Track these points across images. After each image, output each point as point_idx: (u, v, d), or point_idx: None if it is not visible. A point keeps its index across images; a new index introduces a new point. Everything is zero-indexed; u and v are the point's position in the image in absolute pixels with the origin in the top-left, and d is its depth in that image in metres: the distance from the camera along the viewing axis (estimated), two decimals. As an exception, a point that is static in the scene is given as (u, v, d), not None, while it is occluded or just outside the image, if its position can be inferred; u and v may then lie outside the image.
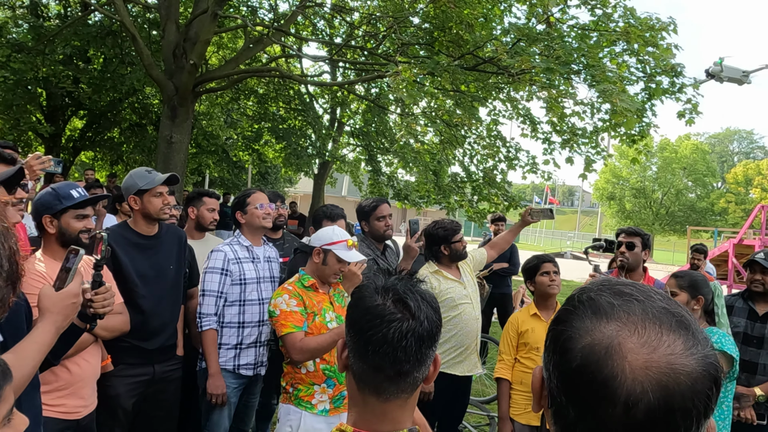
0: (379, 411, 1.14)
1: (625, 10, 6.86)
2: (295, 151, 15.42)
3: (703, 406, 0.65)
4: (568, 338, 0.71)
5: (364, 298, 1.17)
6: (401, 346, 1.11)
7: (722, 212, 40.23)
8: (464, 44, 8.53)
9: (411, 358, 1.12)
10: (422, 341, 1.13)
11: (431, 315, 1.16)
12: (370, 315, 1.14)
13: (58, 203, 2.36)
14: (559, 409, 0.72)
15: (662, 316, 0.69)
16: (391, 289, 1.17)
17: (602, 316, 0.70)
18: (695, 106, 6.90)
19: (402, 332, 1.11)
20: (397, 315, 1.13)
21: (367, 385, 1.14)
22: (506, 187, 10.03)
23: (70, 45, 13.02)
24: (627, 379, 0.65)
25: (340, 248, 2.64)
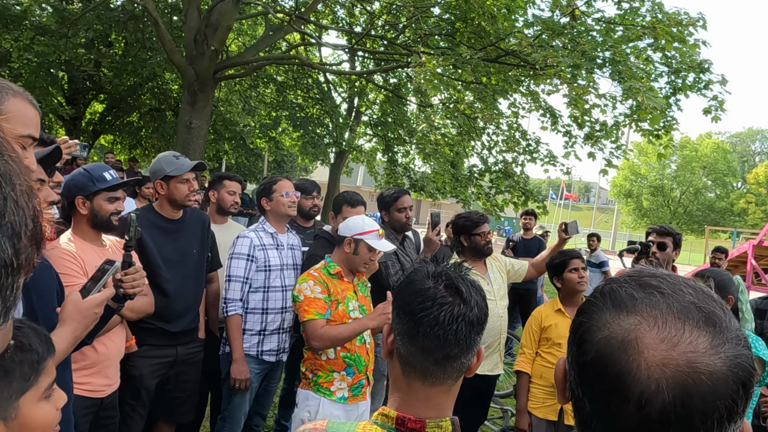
0: (423, 396, 1.15)
1: (653, 5, 6.74)
2: (312, 140, 15.43)
3: (726, 409, 0.61)
4: (586, 330, 0.69)
5: (416, 282, 1.19)
6: (452, 329, 1.13)
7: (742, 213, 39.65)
8: (486, 36, 8.46)
9: (460, 341, 1.13)
10: (472, 326, 1.15)
11: (480, 302, 1.18)
12: (422, 297, 1.15)
13: (92, 185, 2.38)
14: (576, 401, 0.71)
15: (688, 311, 0.65)
16: (442, 274, 1.19)
17: (622, 308, 0.68)
18: (721, 103, 6.78)
19: (453, 315, 1.13)
20: (449, 299, 1.15)
21: (414, 368, 1.15)
22: (525, 180, 9.97)
23: (93, 29, 13.11)
24: (642, 376, 0.62)
25: (372, 238, 2.66)
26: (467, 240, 3.51)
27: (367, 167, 16.75)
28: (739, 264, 14.62)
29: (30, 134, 1.26)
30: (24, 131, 1.24)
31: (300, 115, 15.55)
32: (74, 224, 2.44)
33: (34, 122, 1.27)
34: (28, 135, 1.26)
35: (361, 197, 3.63)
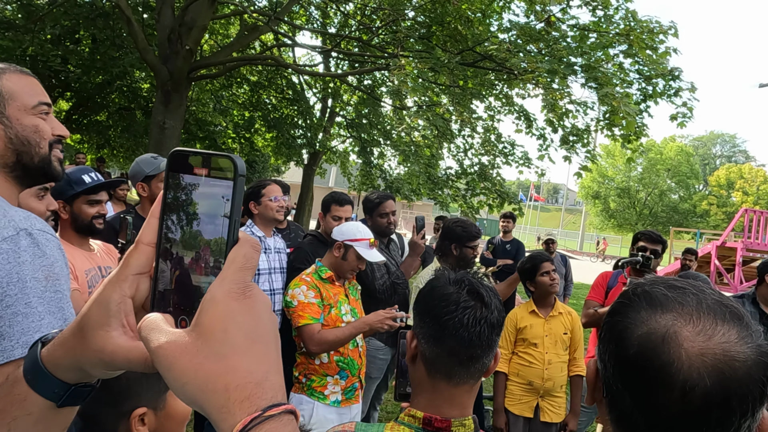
0: (448, 395, 1.21)
1: (627, 12, 6.91)
2: (286, 141, 15.33)
3: (758, 392, 0.68)
4: (624, 328, 0.74)
5: (438, 287, 1.27)
6: (476, 331, 1.21)
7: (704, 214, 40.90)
8: (462, 40, 8.54)
9: (483, 342, 1.21)
10: (493, 327, 1.23)
11: (498, 305, 1.26)
12: (446, 302, 1.23)
13: (70, 188, 2.34)
14: (614, 397, 0.75)
15: (716, 307, 0.71)
16: (464, 280, 1.27)
17: (657, 307, 0.73)
18: (690, 109, 6.99)
19: (476, 318, 1.21)
20: (471, 302, 1.23)
21: (439, 370, 1.22)
22: (500, 183, 10.10)
23: (60, 25, 12.78)
24: (684, 365, 0.67)
25: (362, 246, 2.66)
26: (458, 249, 3.52)
27: (340, 168, 16.73)
28: (702, 264, 15.10)
29: (41, 101, 1.24)
30: (34, 100, 1.23)
31: (274, 115, 15.43)
32: (60, 229, 2.39)
33: (39, 88, 1.26)
34: (43, 102, 1.25)
35: (348, 197, 3.65)
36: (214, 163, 0.47)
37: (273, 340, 0.46)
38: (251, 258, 0.46)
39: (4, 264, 1.03)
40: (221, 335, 0.43)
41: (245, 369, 0.43)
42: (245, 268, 0.46)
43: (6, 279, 1.03)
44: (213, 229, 0.47)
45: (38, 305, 1.06)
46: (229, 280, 0.45)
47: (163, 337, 0.45)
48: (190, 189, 0.48)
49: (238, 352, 0.43)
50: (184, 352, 0.44)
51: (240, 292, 0.45)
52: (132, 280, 0.51)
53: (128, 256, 0.52)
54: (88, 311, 0.51)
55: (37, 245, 1.09)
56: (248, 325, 0.44)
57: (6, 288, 1.03)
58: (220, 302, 0.44)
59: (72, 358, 0.53)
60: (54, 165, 1.26)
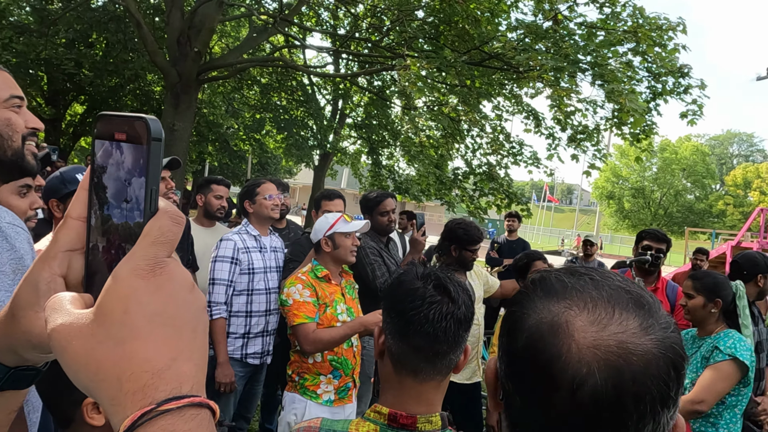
0: (414, 392, 1.19)
1: (634, 9, 6.84)
2: (296, 142, 15.40)
3: (657, 391, 0.59)
4: (517, 319, 0.66)
5: (405, 282, 1.25)
6: (441, 327, 1.18)
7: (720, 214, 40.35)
8: (470, 39, 8.51)
9: (449, 338, 1.19)
10: (460, 324, 1.20)
11: (467, 301, 1.23)
12: (412, 297, 1.21)
13: (63, 187, 2.35)
14: (507, 400, 0.67)
15: (617, 294, 0.63)
16: (431, 275, 1.24)
17: (553, 294, 0.65)
18: (700, 107, 6.90)
19: (442, 313, 1.19)
20: (437, 297, 1.20)
21: (405, 366, 1.20)
22: (508, 183, 10.04)
23: (73, 29, 12.95)
24: (572, 359, 0.59)
25: (341, 226, 2.68)
26: (457, 251, 3.49)
27: (351, 169, 16.75)
28: (717, 265, 14.88)
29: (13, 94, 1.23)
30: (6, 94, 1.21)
31: (284, 117, 15.50)
32: (54, 227, 2.41)
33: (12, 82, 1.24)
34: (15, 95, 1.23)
35: (338, 191, 3.68)
36: (130, 127, 0.43)
37: (188, 324, 0.41)
38: (168, 231, 0.42)
39: None
40: (120, 317, 0.39)
41: (143, 356, 0.38)
42: (159, 243, 0.41)
43: None
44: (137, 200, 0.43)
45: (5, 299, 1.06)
46: (138, 255, 0.40)
47: (60, 318, 0.41)
48: (114, 157, 0.44)
49: (138, 337, 0.38)
50: (78, 335, 0.39)
51: (148, 269, 0.40)
52: (62, 257, 0.47)
53: (57, 231, 0.48)
54: (18, 291, 0.49)
55: (5, 238, 1.09)
56: (154, 306, 0.39)
57: None
58: (123, 280, 0.40)
59: (6, 341, 0.50)
60: (27, 159, 1.25)
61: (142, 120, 0.42)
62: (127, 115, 0.44)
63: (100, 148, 0.45)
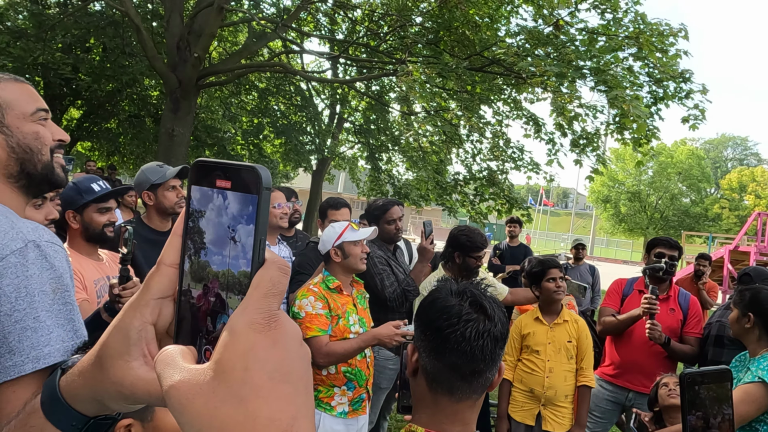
0: (450, 411, 1.17)
1: (636, 15, 6.86)
2: (294, 147, 15.37)
3: None
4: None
5: (440, 299, 1.22)
6: (478, 345, 1.16)
7: (716, 218, 40.50)
8: (470, 45, 8.52)
9: (486, 357, 1.17)
10: (497, 341, 1.18)
11: (502, 317, 1.21)
12: (448, 314, 1.18)
13: (80, 198, 2.32)
14: None
15: None
16: (466, 291, 1.22)
17: None
18: (702, 111, 6.92)
19: (479, 331, 1.16)
20: (474, 315, 1.18)
21: (441, 384, 1.17)
22: (509, 188, 10.05)
23: (71, 34, 12.90)
24: None
25: (349, 235, 2.65)
26: (461, 258, 3.48)
27: (349, 174, 16.74)
28: (715, 269, 14.93)
29: (39, 107, 1.23)
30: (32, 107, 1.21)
31: (282, 122, 15.48)
32: (69, 239, 2.37)
33: (36, 95, 1.25)
34: (41, 108, 1.23)
35: (344, 200, 3.62)
36: (237, 175, 0.42)
37: (303, 378, 0.40)
38: (278, 282, 0.41)
39: (13, 278, 1.03)
40: (241, 374, 0.38)
41: (267, 415, 0.37)
42: (271, 294, 0.40)
43: (15, 294, 1.02)
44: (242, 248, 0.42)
45: (47, 319, 1.05)
46: (252, 308, 0.39)
47: (177, 374, 0.39)
48: (215, 203, 0.43)
49: (261, 395, 0.37)
50: (198, 393, 0.38)
51: (264, 322, 0.39)
52: (154, 304, 0.46)
53: (149, 278, 0.47)
54: (107, 339, 0.47)
55: (45, 257, 1.08)
56: (273, 362, 0.38)
57: (15, 303, 1.02)
58: (241, 335, 0.38)
59: (90, 390, 0.49)
60: (57, 171, 1.24)
61: (253, 169, 0.41)
62: (232, 164, 0.43)
63: (197, 194, 0.43)
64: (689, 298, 3.47)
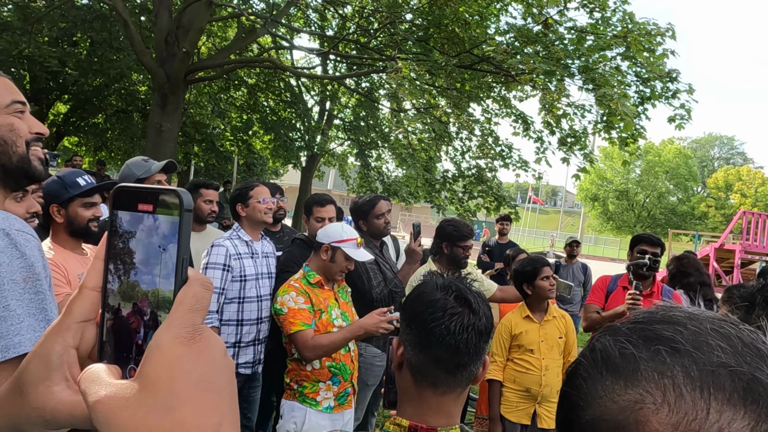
0: (434, 404, 1.19)
1: (624, 15, 6.91)
2: (284, 143, 15.31)
3: None
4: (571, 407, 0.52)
5: (425, 293, 1.24)
6: (462, 339, 1.18)
7: (702, 216, 40.93)
8: (460, 42, 8.53)
9: (470, 350, 1.18)
10: (481, 335, 1.20)
11: (487, 311, 1.23)
12: (433, 308, 1.20)
13: (65, 192, 2.31)
14: None
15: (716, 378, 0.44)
16: (451, 285, 1.23)
17: (620, 376, 0.48)
18: (689, 111, 6.98)
19: (464, 325, 1.18)
20: (458, 309, 1.20)
21: (426, 378, 1.19)
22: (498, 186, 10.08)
23: (57, 27, 12.75)
24: None
25: (349, 247, 2.62)
26: (448, 248, 3.50)
27: (339, 171, 16.70)
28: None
29: (15, 99, 1.21)
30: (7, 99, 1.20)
31: (272, 118, 15.41)
32: (53, 233, 2.35)
33: (13, 87, 1.23)
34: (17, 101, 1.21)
35: (329, 196, 3.57)
36: (158, 199, 0.44)
37: (227, 387, 0.41)
38: (201, 298, 0.43)
39: None
40: (167, 385, 0.39)
41: (193, 422, 0.38)
42: (194, 310, 0.42)
43: None
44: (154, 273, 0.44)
45: (17, 308, 1.04)
46: (177, 323, 0.41)
47: (102, 389, 0.40)
48: (136, 227, 0.45)
49: (187, 403, 0.39)
50: (125, 405, 0.39)
51: (188, 336, 0.40)
52: (76, 328, 0.47)
53: (71, 302, 0.47)
54: (27, 366, 0.47)
55: (15, 246, 1.06)
56: (198, 373, 0.40)
57: None
58: (166, 348, 0.40)
59: (8, 419, 0.48)
60: (34, 164, 1.22)
61: (174, 192, 0.44)
62: (153, 188, 0.45)
63: (127, 217, 0.45)
64: (672, 294, 3.51)
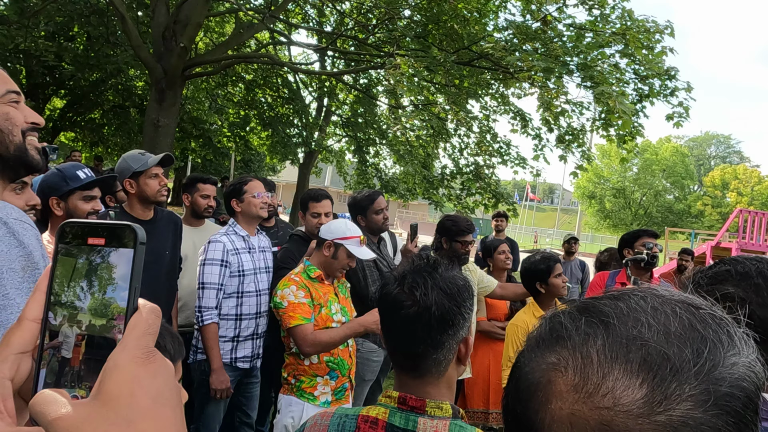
0: (413, 386, 1.21)
1: (623, 12, 6.90)
2: (281, 140, 15.28)
3: None
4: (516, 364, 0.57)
5: (385, 286, 1.27)
6: (408, 331, 1.19)
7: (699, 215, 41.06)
8: (458, 39, 8.52)
9: (425, 341, 1.18)
10: (430, 327, 1.18)
11: (442, 301, 1.19)
12: (386, 302, 1.24)
13: (65, 184, 2.29)
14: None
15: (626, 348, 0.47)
16: (406, 276, 1.24)
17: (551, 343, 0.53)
18: (687, 109, 6.98)
19: (409, 317, 1.19)
20: (407, 302, 1.20)
21: (398, 366, 1.24)
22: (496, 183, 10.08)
23: (54, 21, 12.69)
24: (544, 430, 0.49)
25: (352, 244, 2.61)
26: (447, 243, 3.50)
27: (336, 167, 16.68)
28: (697, 264, 15.12)
29: (10, 89, 1.20)
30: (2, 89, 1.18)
31: (269, 114, 15.37)
32: (51, 226, 2.34)
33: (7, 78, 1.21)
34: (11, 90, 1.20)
35: (325, 191, 3.53)
36: (111, 234, 0.46)
37: (178, 406, 0.45)
38: (153, 324, 0.46)
39: None
40: (127, 400, 0.42)
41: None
42: (147, 334, 0.45)
43: None
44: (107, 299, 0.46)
45: (16, 296, 1.04)
46: (132, 345, 0.44)
47: (62, 408, 0.41)
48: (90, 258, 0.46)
49: (147, 416, 0.42)
50: (86, 420, 0.41)
51: (144, 357, 0.43)
52: (13, 359, 0.47)
53: (10, 333, 0.47)
54: None
55: (12, 234, 1.06)
56: (155, 389, 0.43)
57: None
58: (124, 368, 0.43)
59: None
60: (31, 153, 1.21)
61: (129, 227, 0.46)
62: (106, 223, 0.47)
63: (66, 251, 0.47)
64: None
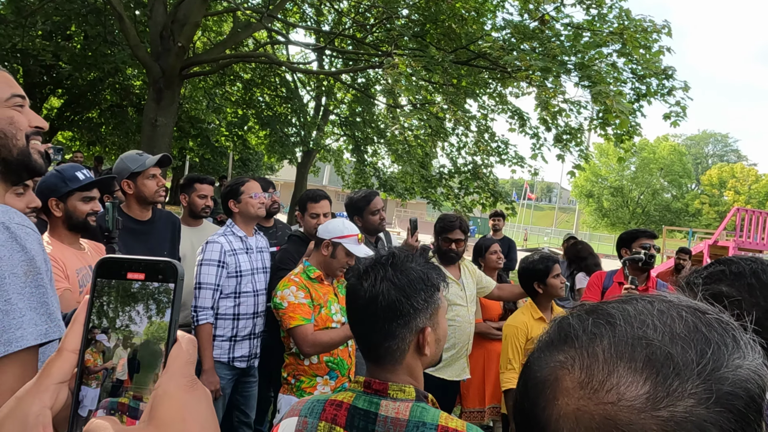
0: (376, 372, 1.27)
1: (621, 11, 6.92)
2: (279, 139, 15.28)
3: None
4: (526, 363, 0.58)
5: (349, 279, 1.33)
6: (358, 321, 1.28)
7: (696, 213, 41.14)
8: (456, 38, 8.53)
9: (375, 331, 1.24)
10: (377, 318, 1.23)
11: (389, 292, 1.23)
12: (347, 292, 1.32)
13: (64, 185, 2.29)
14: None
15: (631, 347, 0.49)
16: (368, 271, 1.29)
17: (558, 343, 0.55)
18: (684, 108, 7.00)
19: (357, 309, 1.27)
20: (361, 293, 1.26)
21: (361, 351, 1.32)
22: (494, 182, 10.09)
23: (51, 20, 12.67)
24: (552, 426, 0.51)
25: (350, 242, 2.61)
26: (437, 242, 3.50)
27: (334, 167, 16.68)
28: (695, 263, 15.15)
29: (14, 93, 1.20)
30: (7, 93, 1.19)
31: (267, 113, 15.37)
32: (50, 227, 2.34)
33: (12, 81, 1.22)
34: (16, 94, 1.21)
35: (323, 192, 3.53)
36: (152, 269, 0.48)
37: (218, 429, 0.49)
38: (193, 353, 0.49)
39: None
40: (180, 425, 0.45)
41: None
42: (189, 363, 0.48)
43: None
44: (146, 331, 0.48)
45: (18, 302, 1.04)
46: (177, 374, 0.47)
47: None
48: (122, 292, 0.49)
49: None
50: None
51: (189, 385, 0.47)
52: (53, 389, 0.49)
53: (50, 364, 0.49)
54: (2, 425, 0.48)
55: (15, 239, 1.06)
56: (202, 414, 0.46)
57: None
58: (174, 395, 0.46)
59: None
60: (35, 158, 1.22)
61: (170, 263, 0.48)
62: (148, 259, 0.49)
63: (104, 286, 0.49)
64: (667, 288, 3.53)
